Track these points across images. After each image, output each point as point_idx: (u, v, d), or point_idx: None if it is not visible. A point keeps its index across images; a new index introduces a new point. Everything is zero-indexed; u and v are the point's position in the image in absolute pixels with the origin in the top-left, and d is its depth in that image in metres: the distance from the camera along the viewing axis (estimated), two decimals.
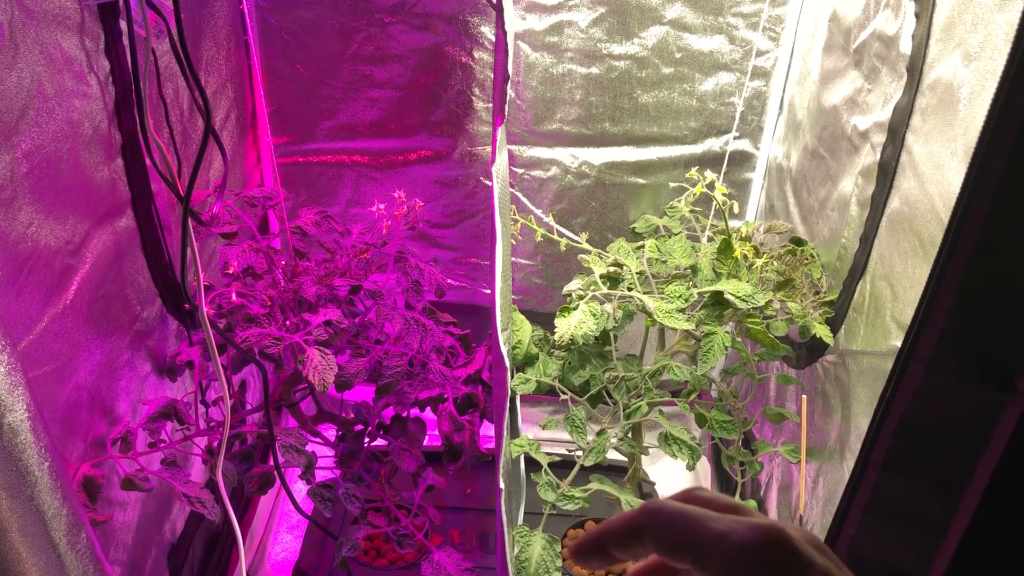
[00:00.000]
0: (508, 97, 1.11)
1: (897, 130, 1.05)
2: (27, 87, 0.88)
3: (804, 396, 1.24)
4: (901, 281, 1.01)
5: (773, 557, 0.36)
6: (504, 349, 1.11)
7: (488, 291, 1.82)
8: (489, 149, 1.67)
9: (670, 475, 1.89)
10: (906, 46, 1.04)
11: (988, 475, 0.80)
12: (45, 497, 0.82)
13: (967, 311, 0.74)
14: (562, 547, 1.58)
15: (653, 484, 1.73)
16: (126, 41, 1.06)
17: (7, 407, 0.75)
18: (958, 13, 0.92)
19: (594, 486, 1.25)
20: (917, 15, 1.01)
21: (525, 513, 1.54)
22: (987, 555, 0.83)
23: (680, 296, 1.19)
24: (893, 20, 1.08)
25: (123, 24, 1.06)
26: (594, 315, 1.17)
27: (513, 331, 1.32)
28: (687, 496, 0.42)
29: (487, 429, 1.39)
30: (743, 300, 1.14)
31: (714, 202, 1.27)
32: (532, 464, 1.30)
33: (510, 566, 1.18)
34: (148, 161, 1.13)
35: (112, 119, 1.08)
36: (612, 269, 1.25)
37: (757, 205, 1.69)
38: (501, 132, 1.11)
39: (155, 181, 1.18)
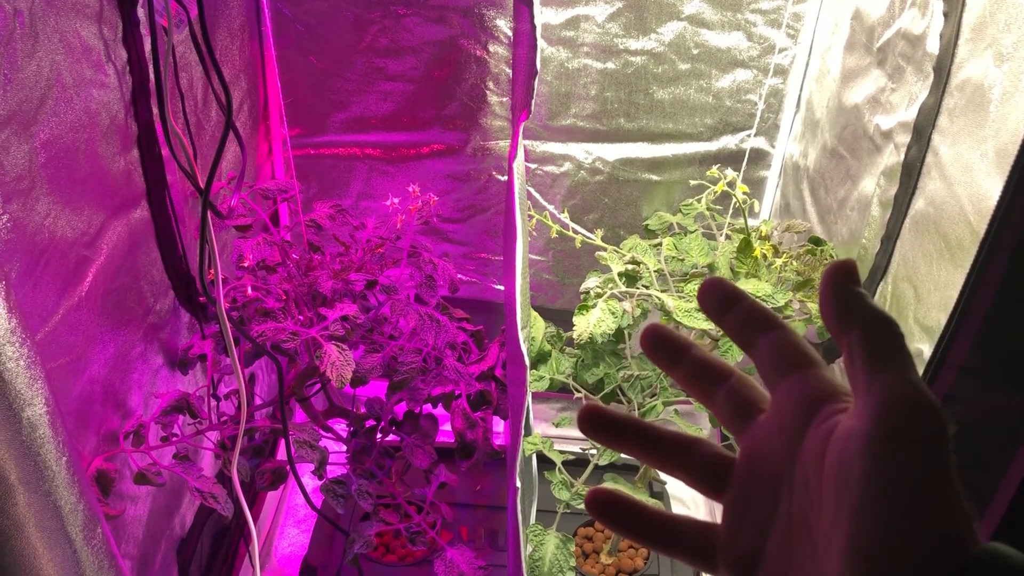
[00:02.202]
0: (533, 91, 1.10)
1: (923, 131, 1.04)
2: (46, 76, 0.87)
3: None
4: (925, 283, 1.00)
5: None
6: (524, 347, 1.10)
7: (499, 287, 1.81)
8: (502, 143, 1.66)
9: None
10: (933, 45, 1.03)
11: (1017, 482, 0.79)
12: (62, 492, 0.81)
13: (1002, 316, 0.73)
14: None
15: (664, 483, 1.73)
16: (143, 30, 1.05)
17: (26, 401, 0.74)
18: (990, 13, 0.90)
19: (608, 485, 1.24)
20: (945, 14, 1.00)
21: (537, 511, 1.53)
22: None
23: None
24: (920, 19, 1.07)
25: (140, 13, 1.04)
26: (613, 313, 1.16)
27: None
28: None
29: (498, 425, 1.38)
30: (763, 300, 1.13)
31: (733, 200, 1.26)
32: (544, 462, 1.29)
33: (524, 565, 1.18)
34: (166, 151, 1.12)
35: (129, 109, 1.06)
36: (630, 267, 1.24)
37: (772, 203, 1.68)
38: (523, 128, 1.10)
39: (170, 172, 1.17)
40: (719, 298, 0.42)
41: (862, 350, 0.36)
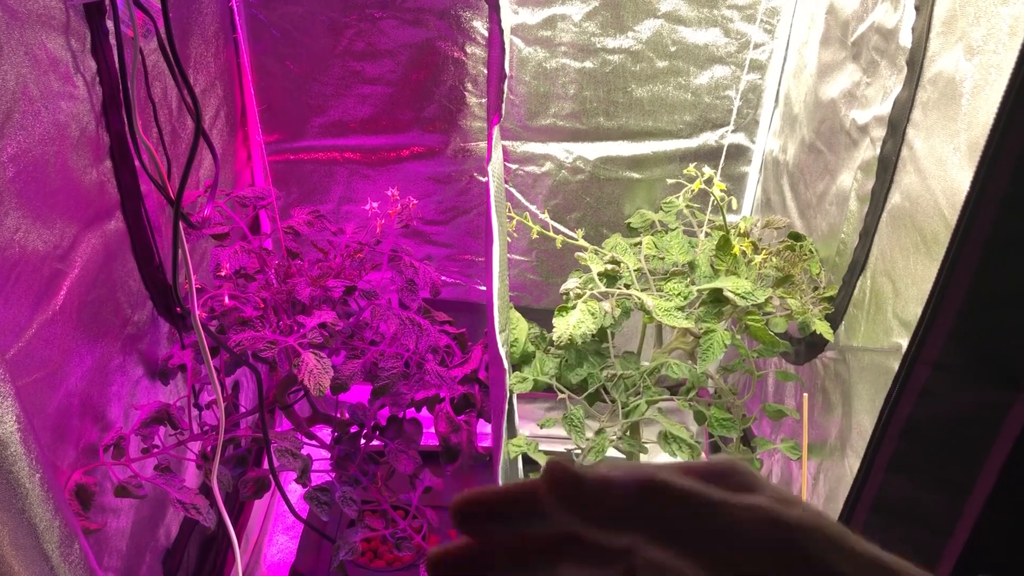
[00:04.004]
0: (504, 94, 1.09)
1: (897, 124, 1.03)
2: (12, 89, 0.86)
3: (805, 393, 1.23)
4: (903, 277, 1.00)
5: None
6: (503, 350, 1.10)
7: (483, 288, 1.81)
8: (483, 144, 1.65)
9: None
10: (906, 39, 1.03)
11: (995, 475, 0.79)
12: (37, 509, 0.80)
13: (974, 311, 0.73)
14: None
15: None
16: (113, 41, 1.04)
17: None
18: (960, 6, 0.90)
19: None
20: (917, 8, 0.99)
21: None
22: (993, 555, 0.82)
23: (679, 294, 1.17)
24: (892, 13, 1.07)
25: (109, 23, 1.03)
26: (592, 314, 1.15)
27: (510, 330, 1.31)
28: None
29: (483, 427, 1.37)
30: (743, 297, 1.13)
31: (711, 197, 1.26)
32: (530, 463, 1.28)
33: None
34: (137, 163, 1.11)
35: (100, 120, 1.06)
36: (610, 267, 1.24)
37: (753, 199, 1.68)
38: (497, 131, 1.09)
39: (144, 182, 1.16)
40: (472, 514, 0.36)
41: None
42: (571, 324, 1.14)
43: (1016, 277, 0.71)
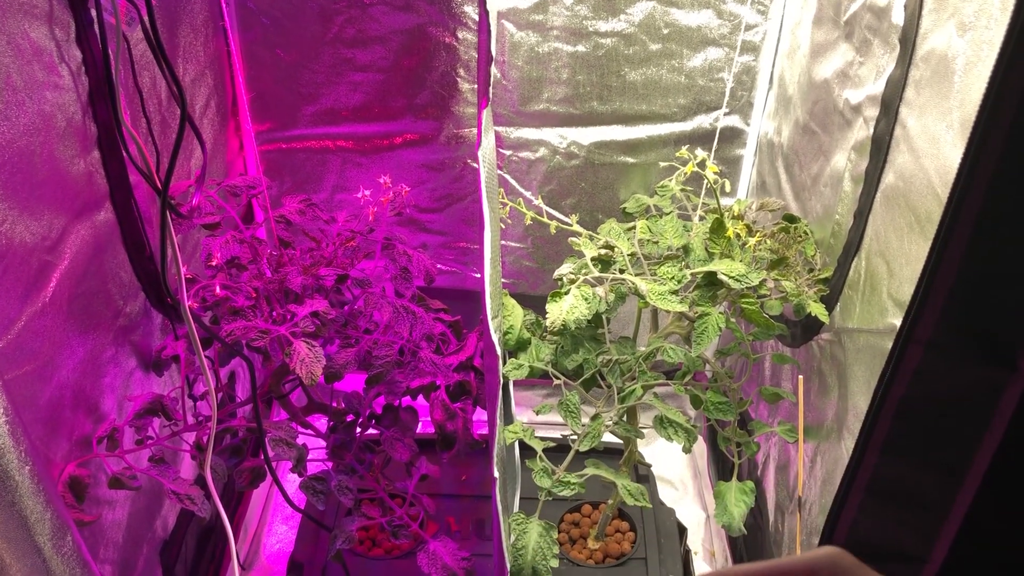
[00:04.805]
0: (493, 78, 1.08)
1: (890, 103, 1.03)
2: None
3: (800, 376, 1.23)
4: (897, 258, 1.00)
5: None
6: (495, 337, 1.09)
7: (479, 275, 1.80)
8: (475, 131, 1.64)
9: (666, 456, 1.88)
10: (898, 17, 1.02)
11: (990, 455, 0.78)
12: (27, 502, 0.80)
13: (967, 289, 0.73)
14: (559, 531, 1.57)
15: (649, 466, 1.72)
16: (98, 29, 1.03)
17: None
18: None
19: (589, 471, 1.24)
20: None
21: (521, 498, 1.53)
22: (989, 536, 0.81)
23: (673, 277, 1.17)
24: None
25: (94, 12, 1.02)
26: (586, 299, 1.15)
27: (504, 316, 1.30)
28: None
29: (480, 415, 1.37)
30: (737, 280, 1.13)
31: (705, 180, 1.25)
32: (527, 449, 1.28)
33: (507, 554, 1.17)
34: (124, 153, 1.10)
35: (86, 110, 1.05)
36: (603, 251, 1.23)
37: (748, 182, 1.67)
38: (486, 115, 1.08)
39: (134, 172, 1.15)
40: None
41: None
42: (564, 309, 1.13)
43: (1009, 255, 0.70)
